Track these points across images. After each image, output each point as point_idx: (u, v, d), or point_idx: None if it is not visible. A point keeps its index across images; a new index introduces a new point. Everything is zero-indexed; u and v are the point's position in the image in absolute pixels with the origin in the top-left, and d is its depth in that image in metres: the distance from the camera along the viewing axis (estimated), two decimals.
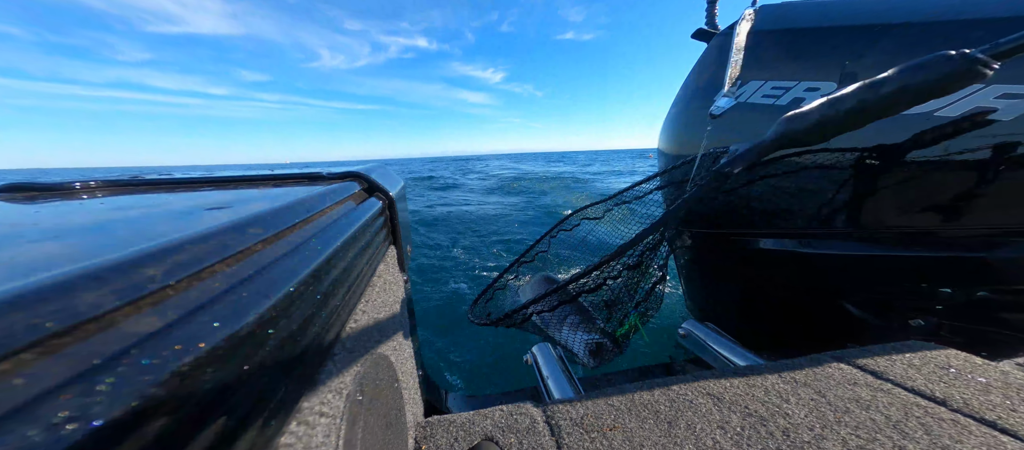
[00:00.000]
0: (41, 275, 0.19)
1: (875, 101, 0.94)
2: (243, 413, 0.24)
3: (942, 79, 0.87)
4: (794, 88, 1.38)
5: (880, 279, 1.31)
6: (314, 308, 0.36)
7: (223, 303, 0.26)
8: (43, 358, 0.17)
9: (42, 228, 0.37)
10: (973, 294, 1.18)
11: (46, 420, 0.15)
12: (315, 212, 0.47)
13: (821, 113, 1.02)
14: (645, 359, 2.56)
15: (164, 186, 0.62)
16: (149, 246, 0.25)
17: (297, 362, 0.32)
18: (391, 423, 0.60)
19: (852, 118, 0.98)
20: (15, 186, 0.57)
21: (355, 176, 0.70)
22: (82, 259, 0.22)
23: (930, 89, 0.89)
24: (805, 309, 1.57)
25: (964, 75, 0.86)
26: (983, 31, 1.07)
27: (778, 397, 0.82)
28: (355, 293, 0.51)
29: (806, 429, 0.72)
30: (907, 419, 0.74)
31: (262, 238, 0.35)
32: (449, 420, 0.81)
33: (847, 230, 1.31)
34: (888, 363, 0.92)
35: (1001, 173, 1.04)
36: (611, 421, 0.77)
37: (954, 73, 0.86)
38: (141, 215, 0.44)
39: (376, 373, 0.55)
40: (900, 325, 1.31)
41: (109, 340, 0.19)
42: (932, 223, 1.18)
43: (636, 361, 2.53)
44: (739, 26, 1.61)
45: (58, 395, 0.16)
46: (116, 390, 0.17)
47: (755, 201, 1.57)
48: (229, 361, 0.23)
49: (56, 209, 0.47)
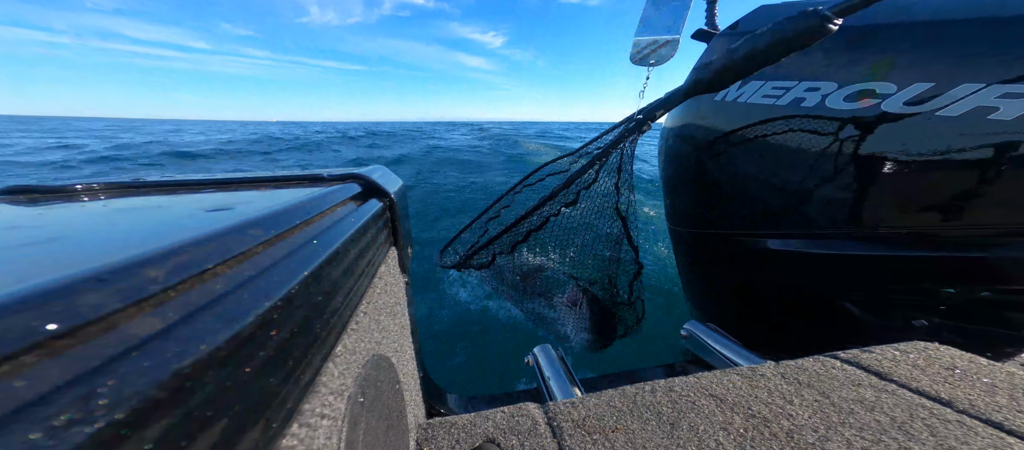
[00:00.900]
0: (43, 277, 0.19)
1: (760, 49, 1.09)
2: (245, 415, 0.24)
3: (801, 33, 1.02)
4: (794, 88, 1.38)
5: (882, 279, 1.31)
6: (315, 310, 0.36)
7: (224, 304, 0.25)
8: (45, 360, 0.16)
9: (44, 230, 0.37)
10: (976, 294, 1.17)
11: (48, 422, 0.15)
12: (316, 213, 0.47)
13: (721, 61, 1.17)
14: (647, 360, 2.56)
15: (165, 188, 0.62)
16: (151, 248, 0.25)
17: (298, 364, 0.32)
18: (393, 425, 0.60)
19: (745, 63, 1.13)
20: (17, 189, 0.57)
21: (356, 177, 0.70)
22: (84, 261, 0.22)
23: (794, 39, 1.03)
24: (807, 309, 1.57)
25: (817, 30, 1.00)
26: (980, 30, 1.07)
27: (781, 398, 0.81)
28: (356, 295, 0.50)
29: (810, 430, 0.72)
30: (912, 420, 0.73)
31: (263, 240, 0.35)
32: (450, 422, 0.81)
33: (850, 230, 1.31)
34: (892, 364, 0.92)
35: (1003, 172, 1.03)
36: (613, 422, 0.76)
37: (809, 28, 1.00)
38: (143, 217, 0.44)
39: (377, 375, 0.55)
40: (903, 325, 1.30)
41: (111, 342, 0.19)
42: (935, 223, 1.17)
43: (638, 362, 2.53)
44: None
45: (60, 397, 0.16)
46: (118, 392, 0.17)
47: (757, 201, 1.57)
48: (230, 363, 0.23)
49: (58, 211, 0.47)
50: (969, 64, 1.06)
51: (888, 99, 1.17)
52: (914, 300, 1.27)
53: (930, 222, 1.18)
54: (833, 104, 1.28)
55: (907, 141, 1.14)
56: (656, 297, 3.47)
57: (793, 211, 1.45)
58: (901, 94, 1.15)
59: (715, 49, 1.74)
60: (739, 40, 1.17)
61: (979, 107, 1.03)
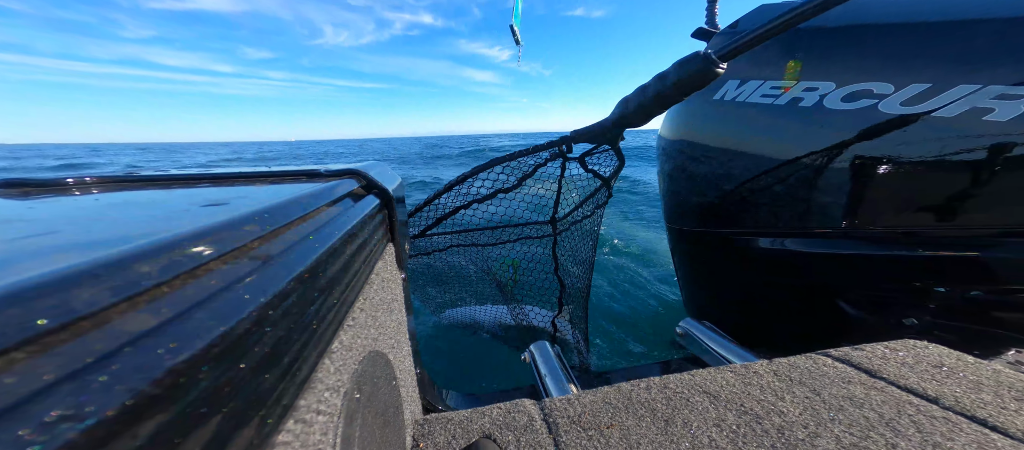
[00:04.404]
0: (35, 272, 0.19)
1: (664, 89, 1.11)
2: (240, 411, 0.24)
3: (693, 74, 1.04)
4: (793, 88, 1.38)
5: (875, 278, 1.32)
6: (311, 306, 0.36)
7: (219, 300, 0.25)
8: (36, 356, 0.16)
9: (36, 224, 0.36)
10: (967, 293, 1.19)
11: (39, 419, 0.15)
12: (312, 209, 0.47)
13: (637, 99, 1.21)
14: (642, 358, 2.58)
15: (159, 182, 0.62)
16: (144, 243, 0.25)
17: (294, 360, 0.32)
18: (389, 421, 0.60)
19: (656, 102, 1.16)
20: (8, 182, 0.56)
21: (353, 173, 0.69)
22: (76, 256, 0.22)
23: (688, 82, 1.06)
24: (801, 307, 1.58)
25: (705, 72, 1.02)
26: (976, 30, 1.08)
27: (773, 395, 0.82)
28: (353, 291, 0.50)
29: (800, 427, 0.73)
30: (900, 417, 0.74)
31: (258, 235, 0.35)
32: (447, 418, 0.81)
33: (843, 229, 1.32)
34: (882, 362, 0.93)
35: (997, 173, 1.04)
36: (608, 419, 0.77)
37: (698, 70, 1.03)
38: (136, 212, 0.43)
39: (374, 371, 0.55)
40: (895, 323, 1.32)
41: (104, 337, 0.19)
42: (928, 222, 1.19)
43: (634, 360, 2.55)
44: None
45: (52, 393, 0.15)
46: (110, 388, 0.17)
47: (752, 200, 1.58)
48: (225, 359, 0.23)
49: (50, 205, 0.47)
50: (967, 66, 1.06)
51: (885, 99, 1.18)
52: (906, 298, 1.29)
53: (923, 221, 1.19)
54: (830, 104, 1.29)
55: (902, 141, 1.15)
56: (649, 299, 3.50)
57: (788, 210, 1.46)
58: (898, 94, 1.15)
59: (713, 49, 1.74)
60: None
61: (975, 108, 1.04)
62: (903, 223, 1.22)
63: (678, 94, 1.10)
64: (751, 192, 1.57)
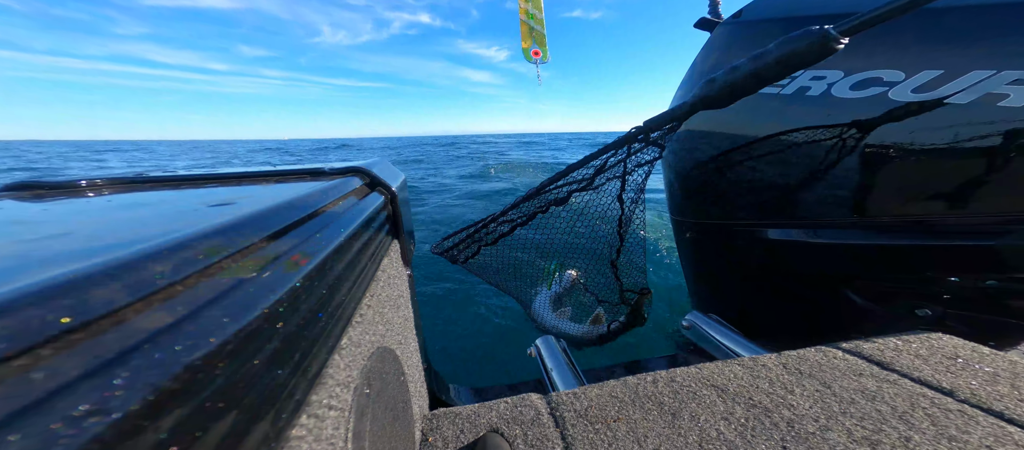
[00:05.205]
0: (54, 272, 0.20)
1: (762, 68, 1.07)
2: (255, 406, 0.25)
3: (805, 50, 1.00)
4: (800, 77, 1.36)
5: (886, 268, 1.30)
6: (320, 303, 0.36)
7: (231, 298, 0.26)
8: (60, 353, 0.17)
9: (50, 226, 0.37)
10: (981, 282, 1.16)
11: (67, 413, 0.15)
12: (318, 207, 0.47)
13: (725, 78, 1.15)
14: (649, 351, 2.57)
15: (169, 183, 0.63)
16: (157, 243, 0.26)
17: (305, 356, 0.33)
18: (398, 415, 0.61)
19: (749, 81, 1.11)
20: (22, 185, 0.58)
21: (357, 171, 0.70)
22: (92, 256, 0.22)
23: (798, 58, 1.02)
24: (810, 299, 1.57)
25: (823, 48, 0.98)
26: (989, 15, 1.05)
27: (782, 388, 0.82)
28: (360, 288, 0.51)
29: (811, 420, 0.72)
30: (913, 410, 0.73)
31: (267, 234, 0.35)
32: (455, 412, 0.82)
33: (853, 219, 1.30)
34: (894, 354, 0.92)
35: (1011, 160, 1.02)
36: (615, 412, 0.77)
37: (813, 45, 0.99)
38: (147, 212, 0.44)
39: (382, 367, 0.55)
40: (906, 314, 1.30)
41: (122, 336, 0.19)
42: (940, 211, 1.16)
43: (640, 353, 2.54)
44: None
45: (77, 389, 0.16)
46: (132, 384, 0.17)
47: (759, 191, 1.56)
48: (239, 355, 0.24)
49: (63, 207, 0.48)
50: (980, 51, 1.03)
51: (896, 87, 1.15)
52: (918, 289, 1.27)
53: (936, 210, 1.17)
54: (839, 93, 1.26)
55: (914, 129, 1.13)
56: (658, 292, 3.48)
57: (797, 200, 1.44)
58: (909, 81, 1.13)
59: (718, 38, 1.71)
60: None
61: (989, 94, 1.01)
62: (915, 212, 1.20)
63: (781, 71, 1.05)
64: (758, 182, 1.55)
